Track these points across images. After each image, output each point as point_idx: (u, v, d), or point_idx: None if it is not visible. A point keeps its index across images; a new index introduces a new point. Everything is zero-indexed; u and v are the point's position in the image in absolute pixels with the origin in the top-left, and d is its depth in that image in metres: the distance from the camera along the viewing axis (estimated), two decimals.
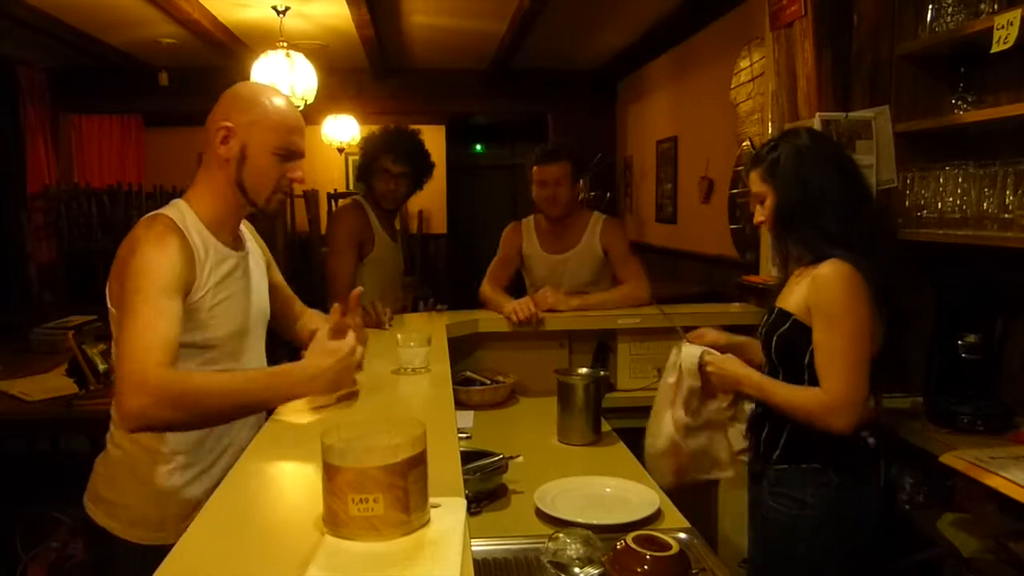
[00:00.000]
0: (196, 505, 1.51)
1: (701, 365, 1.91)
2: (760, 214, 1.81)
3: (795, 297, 1.74)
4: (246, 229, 1.76)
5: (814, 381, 1.68)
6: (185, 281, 1.46)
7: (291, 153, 1.57)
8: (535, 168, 2.85)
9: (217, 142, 1.53)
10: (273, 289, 1.80)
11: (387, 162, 2.83)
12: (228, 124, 1.52)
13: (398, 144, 2.87)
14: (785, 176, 1.73)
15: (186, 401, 1.30)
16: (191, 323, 1.48)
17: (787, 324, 1.73)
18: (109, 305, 1.49)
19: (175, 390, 1.28)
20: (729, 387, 1.89)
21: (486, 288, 2.88)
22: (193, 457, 1.56)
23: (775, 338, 1.76)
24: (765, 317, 1.84)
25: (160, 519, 1.52)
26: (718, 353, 1.92)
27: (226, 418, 1.48)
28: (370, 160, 2.89)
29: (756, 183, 1.80)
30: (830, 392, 1.64)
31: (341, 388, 1.46)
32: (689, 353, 1.94)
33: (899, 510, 2.07)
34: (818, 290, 1.66)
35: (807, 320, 1.69)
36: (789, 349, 1.74)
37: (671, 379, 1.96)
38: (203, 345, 1.52)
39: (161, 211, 1.53)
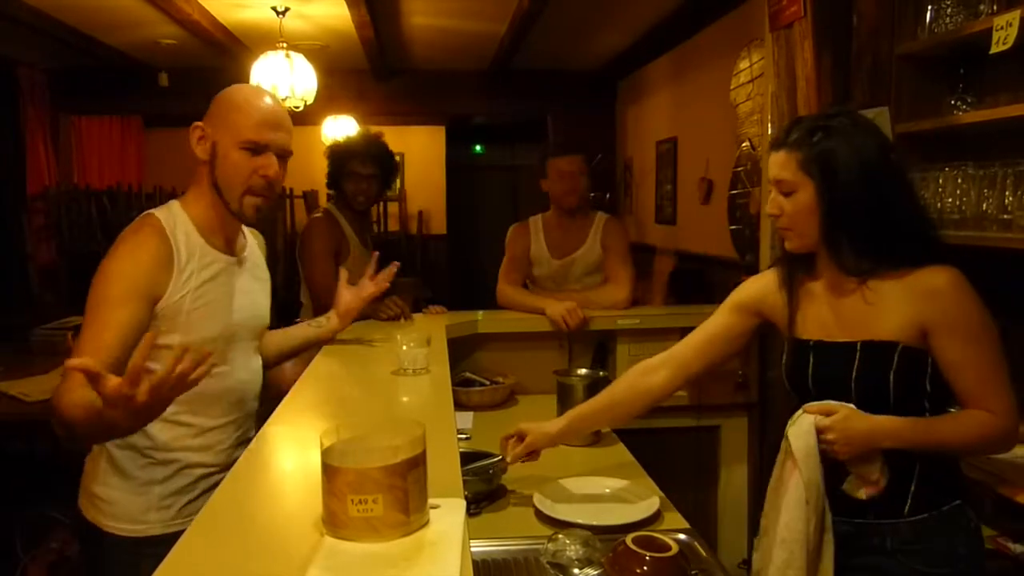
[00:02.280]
0: (177, 497, 1.58)
1: (818, 433, 1.40)
2: (780, 206, 1.48)
3: (890, 320, 1.42)
4: (254, 241, 1.76)
5: (936, 408, 1.44)
6: (154, 284, 1.48)
7: (258, 146, 1.55)
8: (552, 161, 2.83)
9: (194, 143, 1.57)
10: None
11: (356, 165, 2.96)
12: (200, 124, 1.57)
13: (366, 148, 3.01)
14: (842, 170, 1.41)
15: (63, 421, 1.31)
16: (169, 324, 1.50)
17: (896, 356, 1.41)
18: None
19: (55, 409, 1.32)
20: (862, 449, 1.41)
21: (507, 290, 2.83)
22: (171, 452, 1.58)
23: (892, 378, 1.42)
24: (837, 361, 1.46)
25: (141, 511, 1.56)
26: (835, 405, 1.42)
27: (99, 440, 1.53)
28: (339, 165, 3.01)
29: (788, 169, 1.45)
30: (1001, 411, 1.38)
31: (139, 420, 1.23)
32: (800, 431, 1.41)
33: None
34: (946, 303, 1.39)
35: (918, 343, 1.41)
36: (911, 383, 1.43)
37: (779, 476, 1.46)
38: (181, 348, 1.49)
39: (154, 211, 1.57)
